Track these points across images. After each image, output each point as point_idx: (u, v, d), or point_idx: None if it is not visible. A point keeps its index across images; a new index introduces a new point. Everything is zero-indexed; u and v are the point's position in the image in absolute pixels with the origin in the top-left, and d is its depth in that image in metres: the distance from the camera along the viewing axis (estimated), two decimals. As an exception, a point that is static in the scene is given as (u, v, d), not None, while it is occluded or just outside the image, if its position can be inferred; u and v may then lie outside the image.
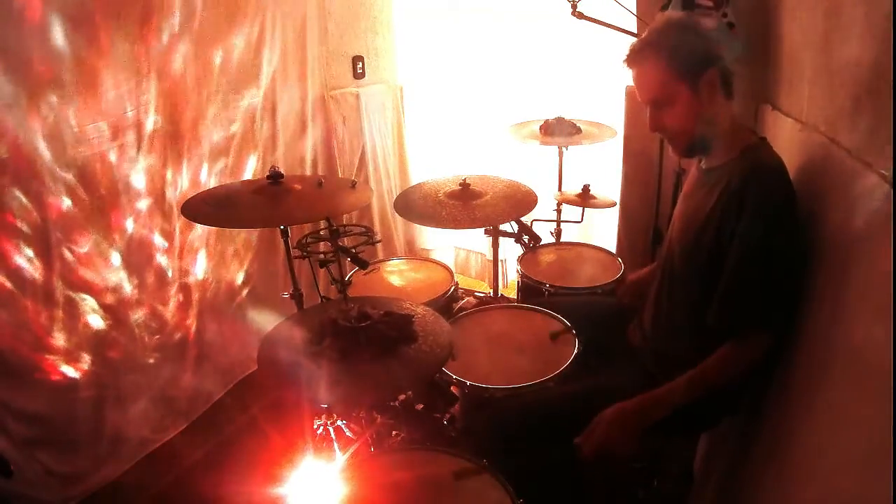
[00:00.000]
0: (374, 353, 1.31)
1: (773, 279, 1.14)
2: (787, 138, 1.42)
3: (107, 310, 1.81)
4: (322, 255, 1.65)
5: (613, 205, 2.33)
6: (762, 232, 1.13)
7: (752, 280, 1.15)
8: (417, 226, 3.19)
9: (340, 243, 1.61)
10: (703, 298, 1.24)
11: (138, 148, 1.83)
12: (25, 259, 1.58)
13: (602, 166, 2.67)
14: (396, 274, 2.23)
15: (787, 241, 1.14)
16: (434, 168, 3.12)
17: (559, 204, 2.48)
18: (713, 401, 1.29)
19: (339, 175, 2.73)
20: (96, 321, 1.79)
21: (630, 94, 2.30)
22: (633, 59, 1.27)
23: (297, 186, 1.69)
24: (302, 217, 1.68)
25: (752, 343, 1.18)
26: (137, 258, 1.89)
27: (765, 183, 1.15)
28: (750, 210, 1.14)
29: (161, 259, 1.98)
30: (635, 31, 1.95)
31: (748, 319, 1.18)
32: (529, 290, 2.09)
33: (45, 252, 1.61)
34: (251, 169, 2.28)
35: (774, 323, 1.17)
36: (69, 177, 1.65)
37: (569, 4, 1.92)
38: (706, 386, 1.21)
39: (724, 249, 1.19)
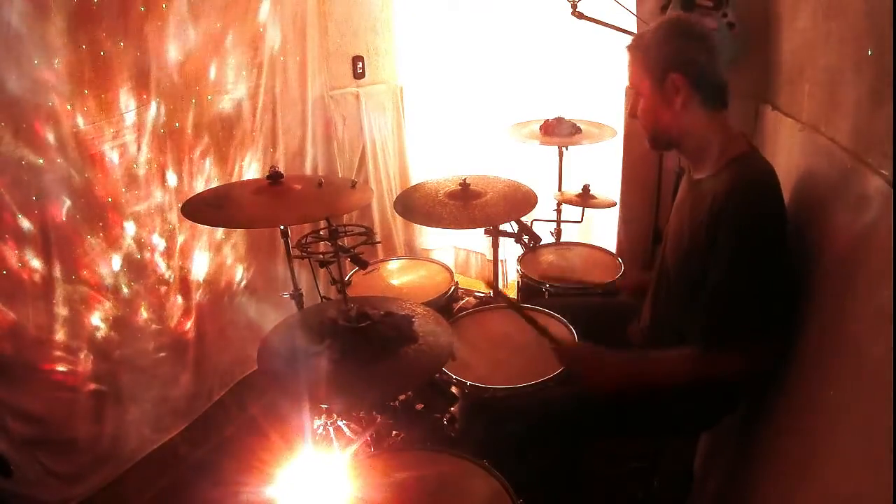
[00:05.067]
0: (374, 353, 1.31)
1: (748, 298, 1.12)
2: (787, 138, 1.42)
3: (107, 309, 1.81)
4: (322, 255, 1.65)
5: (613, 205, 2.33)
6: (739, 247, 1.12)
7: (729, 297, 1.13)
8: (417, 226, 3.19)
9: (340, 243, 1.61)
10: (696, 311, 1.23)
11: (138, 148, 1.83)
12: (25, 258, 1.57)
13: (602, 166, 2.67)
14: (396, 274, 2.23)
15: (766, 256, 1.11)
16: (434, 168, 3.12)
17: (559, 204, 2.48)
18: (713, 401, 1.30)
19: (339, 175, 2.73)
20: (96, 321, 1.78)
21: (630, 94, 2.29)
22: (627, 48, 1.32)
23: (297, 186, 1.68)
24: (302, 217, 1.67)
25: (719, 360, 1.15)
26: (137, 258, 1.89)
27: (746, 197, 1.12)
28: (728, 225, 1.12)
29: (161, 259, 1.98)
30: (635, 30, 1.95)
31: (721, 336, 1.15)
32: (529, 290, 2.09)
33: (45, 251, 1.61)
34: (251, 169, 2.29)
35: (750, 345, 1.13)
36: (69, 176, 1.65)
37: (569, 4, 1.92)
38: (649, 380, 1.25)
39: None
